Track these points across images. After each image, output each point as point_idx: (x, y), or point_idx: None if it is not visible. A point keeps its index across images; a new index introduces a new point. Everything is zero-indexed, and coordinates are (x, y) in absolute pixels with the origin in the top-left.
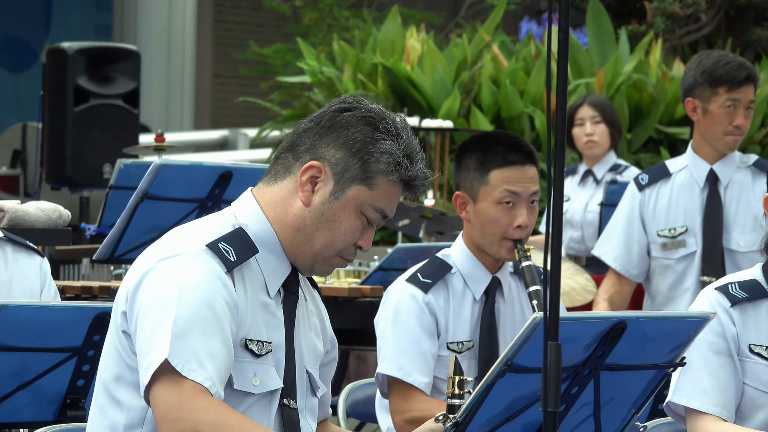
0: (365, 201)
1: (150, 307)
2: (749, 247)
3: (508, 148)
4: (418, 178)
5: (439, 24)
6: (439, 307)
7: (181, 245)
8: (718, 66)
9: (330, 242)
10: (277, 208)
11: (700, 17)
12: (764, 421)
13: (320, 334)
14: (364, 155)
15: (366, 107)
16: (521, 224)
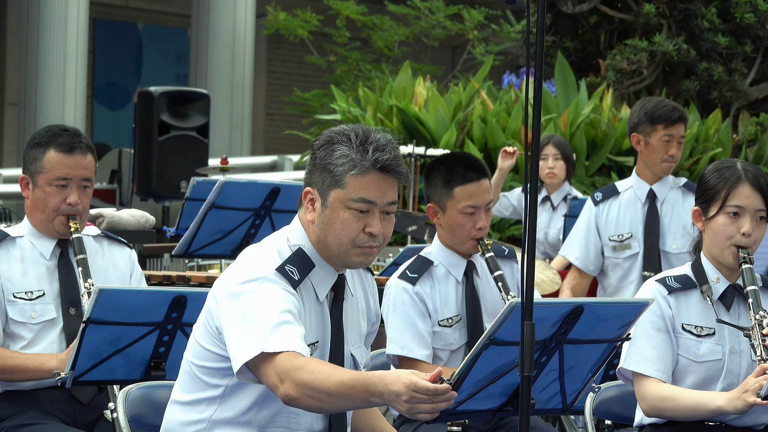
0: (344, 198)
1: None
2: (680, 249)
3: (466, 168)
4: (379, 160)
5: (441, 75)
6: (426, 294)
7: (257, 270)
8: (658, 108)
9: (338, 240)
10: (308, 230)
11: (643, 72)
12: (692, 383)
13: (365, 314)
14: (328, 166)
15: (326, 134)
16: (481, 227)
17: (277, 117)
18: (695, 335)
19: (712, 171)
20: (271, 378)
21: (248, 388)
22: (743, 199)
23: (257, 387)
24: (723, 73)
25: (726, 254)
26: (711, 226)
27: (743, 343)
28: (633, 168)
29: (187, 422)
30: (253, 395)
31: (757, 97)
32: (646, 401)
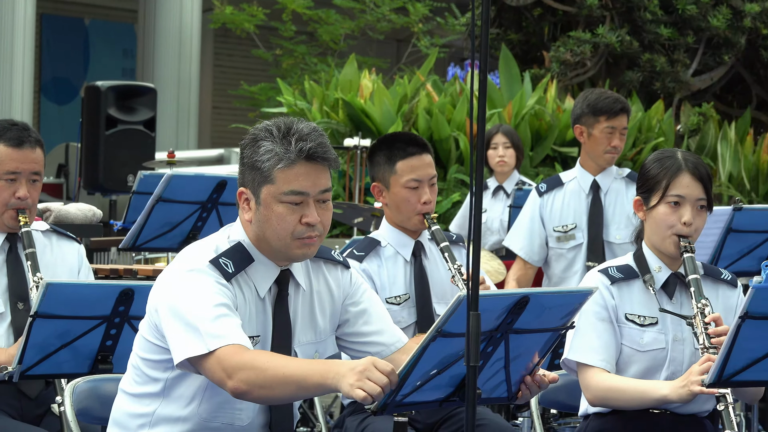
0: (275, 193)
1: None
2: (623, 239)
3: (407, 143)
4: (303, 150)
5: (386, 68)
6: (373, 272)
7: (190, 262)
8: (600, 100)
9: (277, 235)
10: (247, 229)
11: (586, 63)
12: (635, 372)
13: (327, 310)
14: (255, 164)
15: (249, 134)
16: (426, 201)
17: (224, 110)
18: (638, 325)
19: (653, 161)
20: (216, 374)
21: (188, 382)
22: (684, 188)
23: (196, 381)
24: (665, 64)
25: (667, 243)
26: (652, 215)
27: (686, 332)
28: (577, 159)
29: (134, 414)
30: (193, 389)
31: (699, 87)
32: (591, 391)
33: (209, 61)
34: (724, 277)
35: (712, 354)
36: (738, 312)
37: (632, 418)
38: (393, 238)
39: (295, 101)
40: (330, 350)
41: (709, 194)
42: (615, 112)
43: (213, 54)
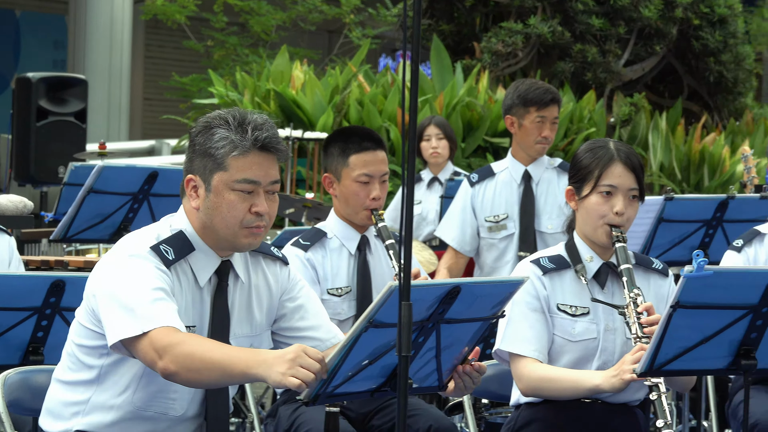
0: (227, 180)
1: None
2: (555, 229)
3: (363, 137)
4: (259, 138)
5: (318, 59)
6: (317, 262)
7: (130, 248)
8: (530, 90)
9: (226, 223)
10: (191, 217)
11: (518, 54)
12: (568, 362)
13: (265, 305)
14: (209, 151)
15: (203, 120)
16: (375, 197)
17: (155, 102)
18: (570, 315)
19: (585, 151)
20: (149, 355)
21: (123, 369)
22: (616, 178)
23: (132, 369)
24: (597, 55)
25: (599, 233)
26: (584, 205)
27: (617, 321)
28: (508, 149)
29: (68, 402)
30: (128, 377)
31: (630, 78)
32: (523, 381)
33: (140, 53)
34: (655, 267)
35: (645, 343)
36: (669, 301)
37: (563, 408)
38: (339, 231)
39: (226, 92)
40: (265, 345)
41: (641, 184)
42: (545, 102)
43: (144, 45)
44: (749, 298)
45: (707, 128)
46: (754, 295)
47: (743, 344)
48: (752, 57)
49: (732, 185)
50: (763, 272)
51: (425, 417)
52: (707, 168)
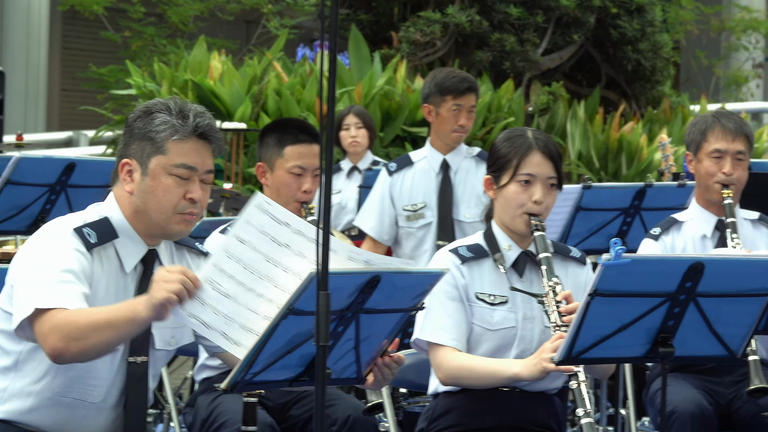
0: (165, 164)
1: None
2: (473, 218)
3: (299, 130)
4: (200, 125)
5: (236, 49)
6: None
7: (52, 229)
8: (447, 79)
9: (160, 207)
10: (122, 203)
11: (436, 43)
12: (486, 351)
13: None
14: (148, 133)
15: (141, 107)
16: (306, 190)
17: (73, 93)
18: (489, 303)
19: (503, 140)
20: (39, 337)
21: (42, 354)
22: (534, 167)
23: None
24: (515, 44)
25: (518, 222)
26: (503, 194)
27: (536, 310)
28: (427, 139)
29: None
30: (47, 363)
31: (548, 66)
32: (442, 370)
33: (57, 44)
34: (573, 255)
35: (564, 332)
36: (587, 289)
37: (482, 397)
38: None
39: (144, 83)
40: (186, 338)
41: (560, 172)
42: (461, 91)
43: (61, 36)
44: (667, 285)
45: (625, 117)
46: (671, 283)
47: (661, 332)
48: (670, 45)
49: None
50: (680, 260)
51: (344, 407)
52: (625, 156)
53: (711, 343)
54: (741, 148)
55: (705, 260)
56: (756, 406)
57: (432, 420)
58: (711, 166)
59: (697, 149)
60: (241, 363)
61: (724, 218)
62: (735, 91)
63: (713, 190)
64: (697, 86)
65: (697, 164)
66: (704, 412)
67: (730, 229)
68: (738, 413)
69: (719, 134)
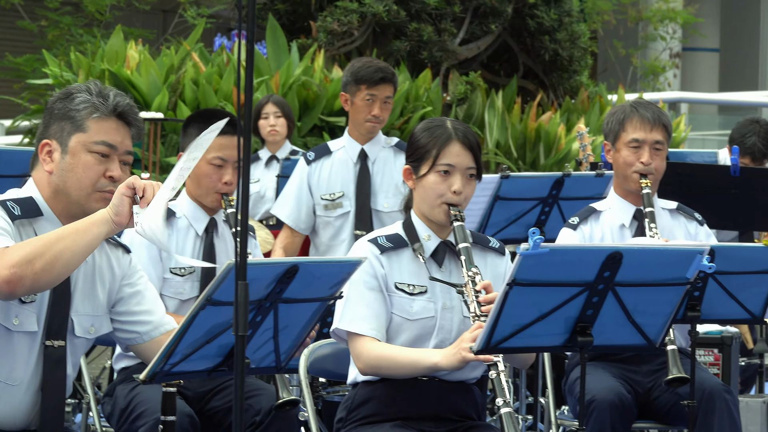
0: (85, 141)
1: None
2: (392, 208)
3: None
4: (119, 105)
5: (153, 39)
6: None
7: None
8: (362, 69)
9: (80, 184)
10: (41, 185)
11: (353, 33)
12: (405, 340)
13: (107, 288)
14: (68, 113)
15: (63, 90)
16: (227, 181)
17: None
18: (408, 293)
19: (422, 130)
20: None
21: None
22: (454, 157)
23: None
24: (433, 34)
25: (437, 212)
26: (422, 184)
27: (455, 300)
28: (345, 129)
29: None
30: None
31: (466, 56)
32: (362, 360)
33: None
34: (492, 245)
35: (484, 321)
36: (506, 279)
37: (401, 386)
38: (189, 211)
39: (60, 72)
40: (105, 328)
41: (479, 163)
42: (375, 81)
43: None
44: (585, 275)
45: (543, 106)
46: (589, 273)
47: (579, 321)
48: (587, 35)
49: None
50: (599, 249)
51: (266, 397)
52: (543, 146)
53: (629, 333)
54: (659, 138)
55: (623, 250)
56: (674, 395)
57: (351, 409)
58: (629, 155)
59: (615, 139)
60: (159, 354)
61: (642, 208)
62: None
63: (631, 179)
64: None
65: (615, 154)
66: (623, 400)
67: (648, 218)
68: (656, 402)
69: (637, 124)
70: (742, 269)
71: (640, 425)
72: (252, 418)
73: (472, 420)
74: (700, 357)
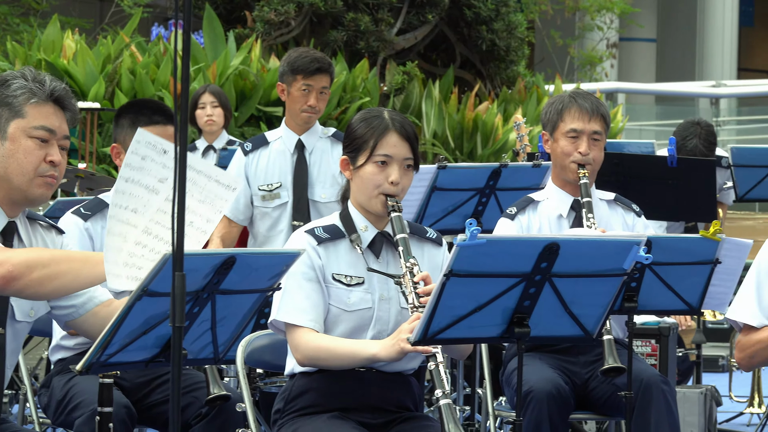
0: (25, 127)
1: None
2: (329, 198)
3: (154, 111)
4: (56, 90)
5: (89, 28)
6: (96, 233)
7: None
8: (299, 59)
9: (21, 170)
10: None
11: (291, 23)
12: (343, 332)
13: None
14: (5, 99)
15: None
16: None
17: None
18: (345, 284)
19: (360, 120)
20: None
21: None
22: (391, 148)
23: None
24: (370, 24)
25: (374, 203)
26: (359, 175)
27: (392, 291)
28: (282, 119)
29: None
30: None
31: (403, 46)
32: (300, 351)
33: None
34: (429, 236)
35: (422, 312)
36: (443, 270)
37: (338, 377)
38: None
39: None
40: (43, 309)
41: (416, 154)
42: (311, 71)
43: None
44: (522, 266)
45: (480, 96)
46: (526, 264)
47: (516, 312)
48: (524, 25)
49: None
50: (536, 240)
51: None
52: (480, 136)
53: (566, 323)
54: (597, 129)
55: (560, 241)
56: (612, 386)
57: (288, 401)
58: (567, 145)
59: (553, 129)
60: (96, 344)
61: (580, 198)
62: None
63: (569, 169)
64: (552, 66)
65: (553, 144)
66: (561, 391)
67: (586, 208)
68: (594, 393)
69: (576, 114)
70: (679, 260)
71: (578, 416)
72: (198, 410)
73: (409, 411)
74: (638, 348)
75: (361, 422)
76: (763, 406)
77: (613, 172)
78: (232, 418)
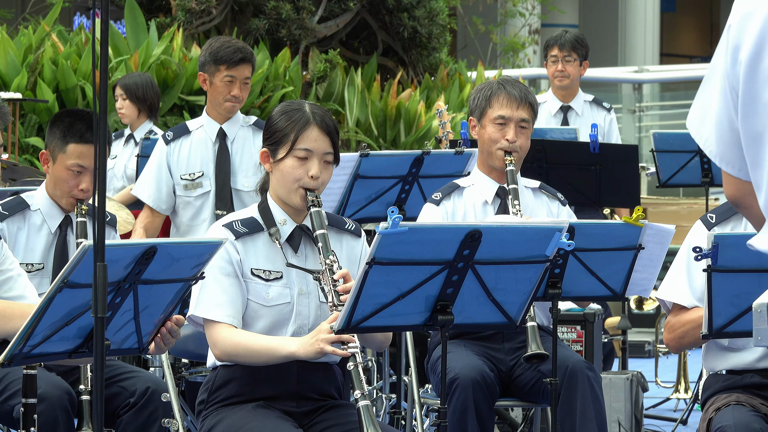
0: None
1: None
2: (251, 187)
3: (87, 128)
4: None
5: (10, 18)
6: (10, 233)
7: None
8: (221, 49)
9: None
10: None
11: (212, 11)
12: (262, 327)
13: None
14: None
15: None
16: (83, 188)
17: None
18: (264, 279)
19: (280, 113)
20: None
21: None
22: (312, 142)
23: None
24: (291, 12)
25: (294, 196)
26: (279, 168)
27: (311, 285)
28: (204, 108)
29: None
30: None
31: (325, 34)
32: (218, 347)
33: None
34: (348, 227)
35: (341, 311)
36: (366, 258)
37: (261, 367)
38: (45, 207)
39: None
40: None
41: (336, 147)
42: (235, 62)
43: None
44: (445, 253)
45: (402, 84)
46: (449, 251)
47: (440, 300)
48: (446, 12)
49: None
50: (458, 228)
51: (143, 379)
52: (403, 123)
53: (490, 311)
54: (525, 116)
55: (482, 228)
56: (537, 372)
57: (212, 391)
58: (494, 132)
59: (481, 115)
60: (17, 336)
61: (505, 185)
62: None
63: (496, 156)
64: (475, 53)
65: (480, 130)
66: (486, 378)
67: (512, 195)
68: (519, 380)
69: (504, 101)
70: (602, 246)
71: (504, 403)
72: (126, 400)
73: (333, 399)
74: (563, 334)
75: (286, 411)
76: (689, 392)
77: (536, 159)
78: (163, 407)
